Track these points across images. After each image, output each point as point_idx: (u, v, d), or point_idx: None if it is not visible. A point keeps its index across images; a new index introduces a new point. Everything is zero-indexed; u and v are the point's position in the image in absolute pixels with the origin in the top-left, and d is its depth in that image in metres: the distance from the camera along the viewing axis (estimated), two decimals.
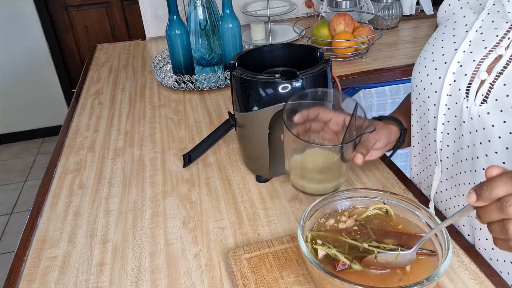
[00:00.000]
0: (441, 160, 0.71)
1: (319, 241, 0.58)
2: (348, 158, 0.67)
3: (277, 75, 0.73)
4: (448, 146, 0.68)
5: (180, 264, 0.68)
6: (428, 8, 1.70)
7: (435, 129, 0.70)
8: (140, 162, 0.94)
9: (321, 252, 0.56)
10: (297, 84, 0.73)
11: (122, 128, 1.08)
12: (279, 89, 0.73)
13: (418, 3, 1.71)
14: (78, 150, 1.00)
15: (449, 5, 0.72)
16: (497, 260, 0.65)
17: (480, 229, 0.66)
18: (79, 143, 1.03)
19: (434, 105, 0.68)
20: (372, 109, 1.42)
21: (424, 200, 0.78)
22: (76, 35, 3.08)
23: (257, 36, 1.57)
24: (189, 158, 0.89)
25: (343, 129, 0.68)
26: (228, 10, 1.18)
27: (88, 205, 0.82)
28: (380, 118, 0.80)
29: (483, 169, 0.61)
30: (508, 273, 0.64)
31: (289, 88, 0.73)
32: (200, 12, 1.28)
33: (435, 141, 0.71)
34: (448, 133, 0.67)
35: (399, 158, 1.42)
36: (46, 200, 0.85)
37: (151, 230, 0.75)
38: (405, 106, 0.83)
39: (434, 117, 0.69)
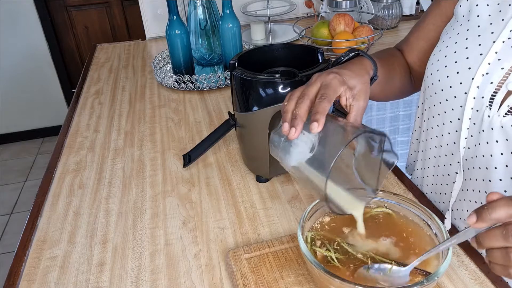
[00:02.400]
0: (450, 164, 0.70)
1: (318, 242, 0.58)
2: None
3: (277, 75, 0.73)
4: (459, 151, 0.67)
5: (180, 264, 0.68)
6: None
7: (449, 133, 0.69)
8: (140, 162, 0.94)
9: (320, 253, 0.56)
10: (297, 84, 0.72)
11: (122, 128, 1.08)
12: (279, 89, 0.73)
13: (418, 3, 1.71)
14: (78, 150, 1.00)
15: None
16: None
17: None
18: (79, 143, 1.03)
19: (452, 109, 0.66)
20: (373, 109, 1.42)
21: (425, 201, 0.78)
22: (76, 35, 3.08)
23: (257, 36, 1.57)
24: (189, 158, 0.89)
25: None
26: (228, 10, 1.18)
27: (88, 205, 0.82)
28: (358, 54, 0.71)
29: (500, 179, 0.61)
30: None
31: (289, 88, 0.73)
32: (200, 12, 1.28)
33: (447, 144, 0.70)
34: (465, 138, 0.66)
35: (399, 158, 1.42)
36: (46, 200, 0.85)
37: (151, 230, 0.75)
38: (383, 56, 0.81)
39: (451, 121, 0.68)
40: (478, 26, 0.65)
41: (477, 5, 0.67)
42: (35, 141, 3.24)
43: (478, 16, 0.66)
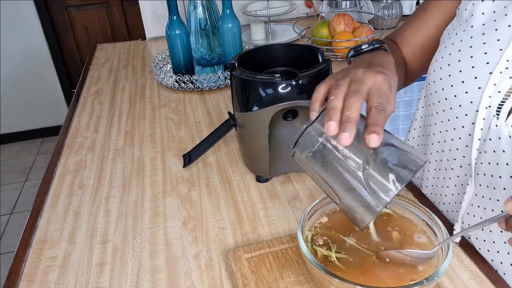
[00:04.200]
0: (452, 169, 0.70)
1: (319, 241, 0.58)
2: None
3: (277, 75, 0.73)
4: (464, 157, 0.66)
5: (180, 264, 0.68)
6: None
7: (452, 139, 0.68)
8: (140, 162, 0.94)
9: (321, 252, 0.56)
10: (297, 84, 0.73)
11: (122, 128, 1.08)
12: (279, 89, 0.73)
13: (418, 3, 1.71)
14: (78, 150, 1.00)
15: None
16: (501, 263, 0.64)
17: (476, 238, 0.66)
18: (79, 143, 1.03)
19: (457, 117, 0.65)
20: None
21: (425, 201, 0.78)
22: (76, 35, 3.08)
23: (257, 36, 1.57)
24: (189, 158, 0.89)
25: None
26: (228, 10, 1.18)
27: (88, 205, 0.82)
28: (384, 49, 0.69)
29: (504, 189, 0.60)
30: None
31: (289, 88, 0.73)
32: (200, 12, 1.28)
33: (449, 150, 0.69)
34: (467, 146, 0.65)
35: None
36: (46, 200, 0.85)
37: (151, 230, 0.75)
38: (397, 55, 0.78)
39: (454, 128, 0.66)
40: (483, 34, 0.63)
41: (483, 14, 0.65)
42: (35, 141, 3.24)
43: (483, 24, 0.64)
